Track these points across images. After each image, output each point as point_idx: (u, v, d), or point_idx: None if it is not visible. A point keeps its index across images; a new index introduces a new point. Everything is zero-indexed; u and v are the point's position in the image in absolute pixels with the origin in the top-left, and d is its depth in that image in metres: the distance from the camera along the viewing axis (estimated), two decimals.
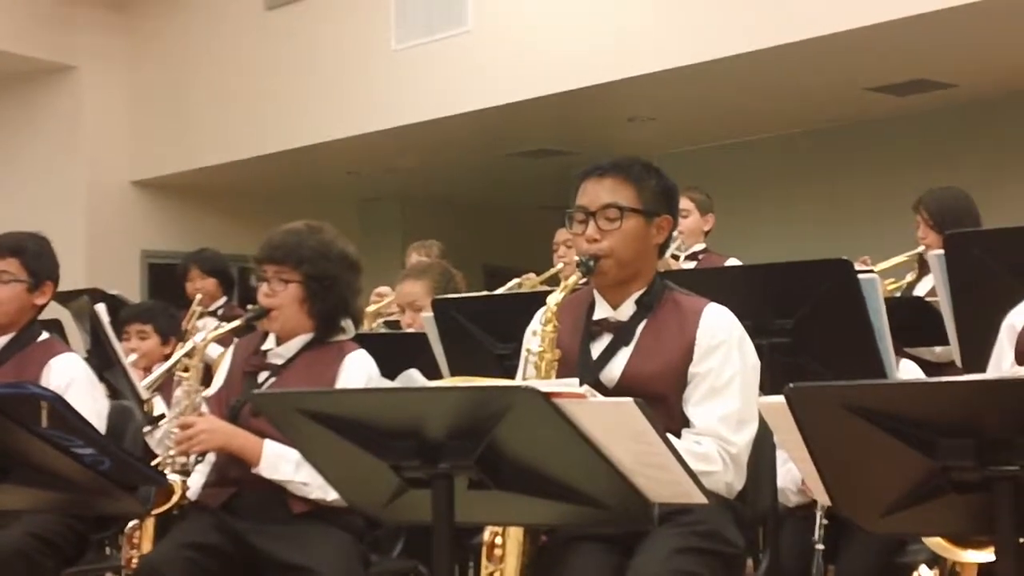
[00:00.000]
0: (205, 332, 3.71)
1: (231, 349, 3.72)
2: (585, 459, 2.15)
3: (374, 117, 10.62)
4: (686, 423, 2.95)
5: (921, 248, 5.14)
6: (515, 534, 2.89)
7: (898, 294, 5.17)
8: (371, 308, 6.15)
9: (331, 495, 3.25)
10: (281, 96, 11.22)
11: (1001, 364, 2.71)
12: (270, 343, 3.56)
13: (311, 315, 3.50)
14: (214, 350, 5.13)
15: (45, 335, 3.90)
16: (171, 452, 3.38)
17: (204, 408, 3.51)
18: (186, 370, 3.59)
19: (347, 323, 3.60)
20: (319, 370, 3.44)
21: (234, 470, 3.37)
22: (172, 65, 12.16)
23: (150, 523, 3.45)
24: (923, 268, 5.19)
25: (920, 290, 5.11)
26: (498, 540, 2.90)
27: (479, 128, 10.56)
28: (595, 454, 2.14)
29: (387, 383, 3.66)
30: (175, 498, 3.35)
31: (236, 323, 3.69)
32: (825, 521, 3.46)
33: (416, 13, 10.45)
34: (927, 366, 4.35)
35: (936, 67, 9.06)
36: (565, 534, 2.94)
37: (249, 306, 3.57)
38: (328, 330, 3.54)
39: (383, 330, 5.51)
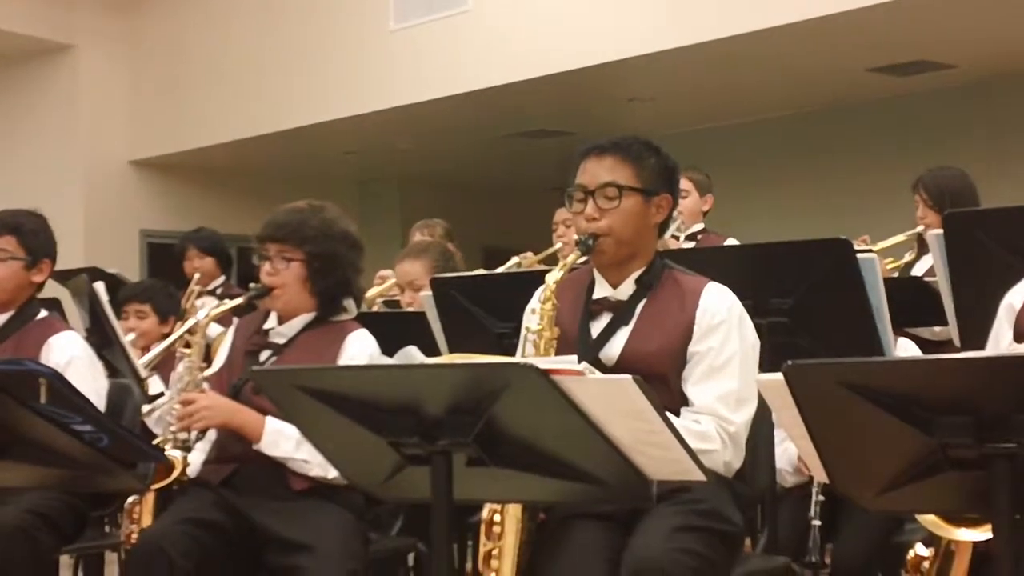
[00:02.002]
0: (207, 309, 3.70)
1: (232, 329, 3.72)
2: (584, 436, 2.15)
3: (372, 97, 10.61)
4: (685, 402, 2.95)
5: (920, 228, 5.14)
6: (513, 511, 2.89)
7: (896, 273, 5.17)
8: (373, 291, 6.16)
9: (332, 473, 3.25)
10: (279, 76, 11.20)
11: (1000, 343, 2.72)
12: (271, 322, 3.56)
13: (313, 294, 3.50)
14: (213, 330, 5.13)
15: (44, 313, 3.90)
16: (172, 428, 3.38)
17: (206, 386, 3.51)
18: (188, 346, 3.58)
19: (349, 302, 3.60)
20: (321, 349, 3.44)
21: (235, 447, 3.37)
22: (171, 45, 12.14)
23: (150, 498, 3.45)
24: (922, 247, 5.19)
25: (918, 269, 5.11)
26: (496, 518, 2.90)
27: (478, 108, 10.54)
28: (594, 431, 2.14)
29: (384, 360, 3.66)
30: (175, 473, 3.35)
31: (238, 301, 3.69)
32: (821, 498, 3.47)
33: None
34: (925, 345, 4.36)
35: (936, 48, 9.05)
36: (564, 512, 2.95)
37: (251, 284, 3.57)
38: (330, 309, 3.53)
39: (382, 309, 5.52)
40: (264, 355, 3.49)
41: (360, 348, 3.47)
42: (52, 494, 3.61)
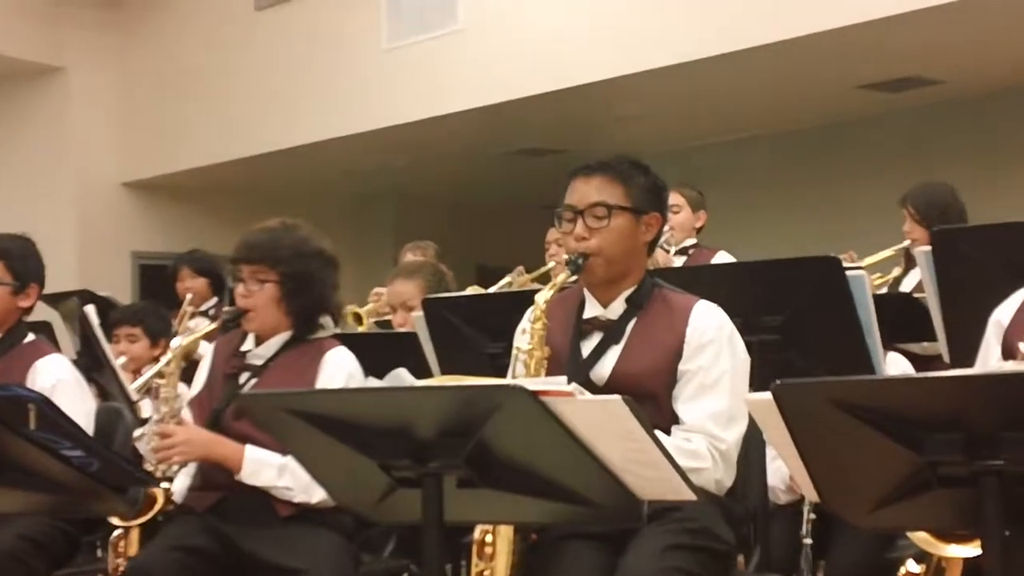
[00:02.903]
0: (180, 339, 3.66)
1: (211, 348, 3.69)
2: (574, 457, 2.15)
3: (366, 116, 10.61)
4: (676, 420, 2.95)
5: (907, 243, 5.15)
6: (505, 532, 2.89)
7: (885, 288, 5.18)
8: (367, 307, 6.17)
9: (315, 498, 3.25)
10: (271, 96, 11.21)
11: (988, 360, 2.72)
12: (249, 343, 3.54)
13: (289, 314, 3.47)
14: (206, 348, 5.13)
15: (31, 337, 3.89)
16: (151, 461, 3.35)
17: (186, 412, 3.48)
18: (162, 376, 3.55)
19: (326, 319, 3.58)
20: (299, 369, 3.42)
21: (218, 475, 3.35)
22: (162, 65, 12.15)
23: (135, 532, 3.43)
24: (909, 263, 5.20)
25: (907, 285, 5.12)
26: (488, 538, 2.90)
27: (471, 127, 10.56)
28: (584, 452, 2.14)
29: (374, 381, 3.66)
30: (157, 507, 3.34)
31: (211, 327, 3.68)
32: (812, 516, 3.47)
33: (407, 11, 10.44)
34: (915, 360, 4.36)
35: (925, 64, 9.08)
36: (555, 532, 2.95)
37: (225, 308, 3.56)
38: (306, 328, 3.51)
39: (374, 330, 5.52)
40: (243, 377, 3.47)
41: (338, 365, 3.45)
42: (43, 519, 3.60)
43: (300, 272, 3.45)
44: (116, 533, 3.49)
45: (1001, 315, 2.75)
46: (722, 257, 5.83)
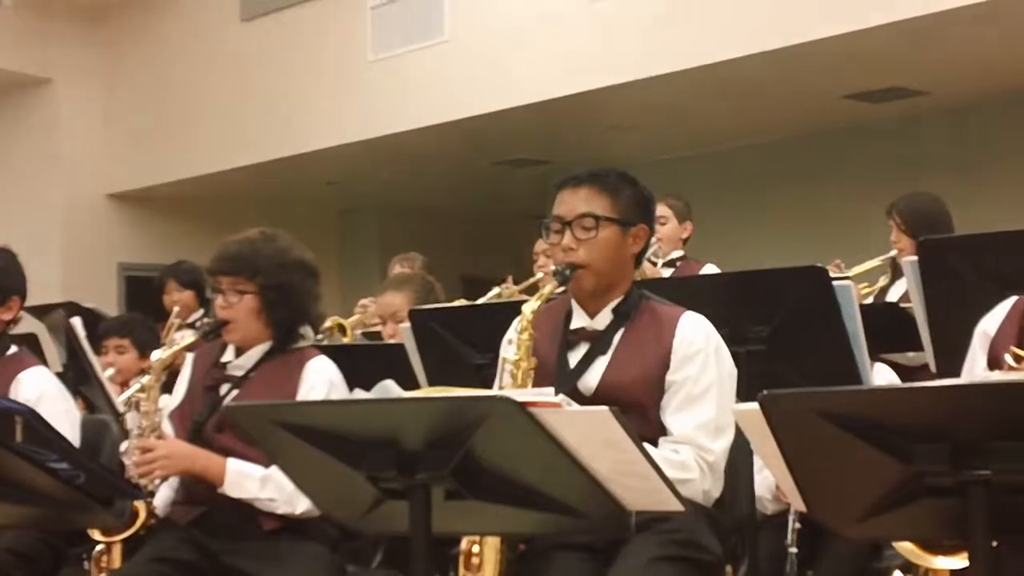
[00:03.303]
0: (161, 352, 3.65)
1: (190, 359, 3.67)
2: (561, 468, 2.15)
3: (351, 128, 10.61)
4: (663, 431, 2.96)
5: (894, 252, 5.17)
6: (493, 543, 2.89)
7: (871, 298, 5.19)
8: (352, 319, 6.17)
9: (299, 509, 3.24)
10: (258, 108, 11.20)
11: (974, 370, 2.72)
12: (229, 355, 3.52)
13: (269, 324, 3.45)
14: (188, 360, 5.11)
15: (14, 349, 3.86)
16: (132, 475, 3.32)
17: (166, 425, 3.46)
18: (143, 390, 3.53)
19: (306, 329, 3.56)
20: (280, 379, 3.40)
21: (201, 489, 3.33)
22: (148, 78, 12.13)
23: (117, 548, 3.42)
24: (896, 272, 5.22)
25: (893, 294, 5.14)
26: (476, 549, 2.90)
27: (457, 138, 10.57)
28: (571, 463, 2.14)
29: (361, 392, 3.64)
30: (139, 522, 3.32)
31: (191, 340, 3.66)
32: (798, 525, 3.47)
33: (393, 23, 10.45)
34: (900, 370, 4.37)
35: (910, 75, 9.12)
36: (543, 543, 2.94)
37: (205, 319, 3.54)
38: (287, 338, 3.49)
39: (363, 341, 5.51)
40: (224, 389, 3.44)
41: (319, 375, 3.43)
42: (29, 532, 3.58)
43: (279, 283, 3.42)
44: (99, 548, 3.47)
45: (987, 325, 2.76)
46: (709, 270, 5.83)
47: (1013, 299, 2.76)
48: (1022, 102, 9.52)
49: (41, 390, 3.70)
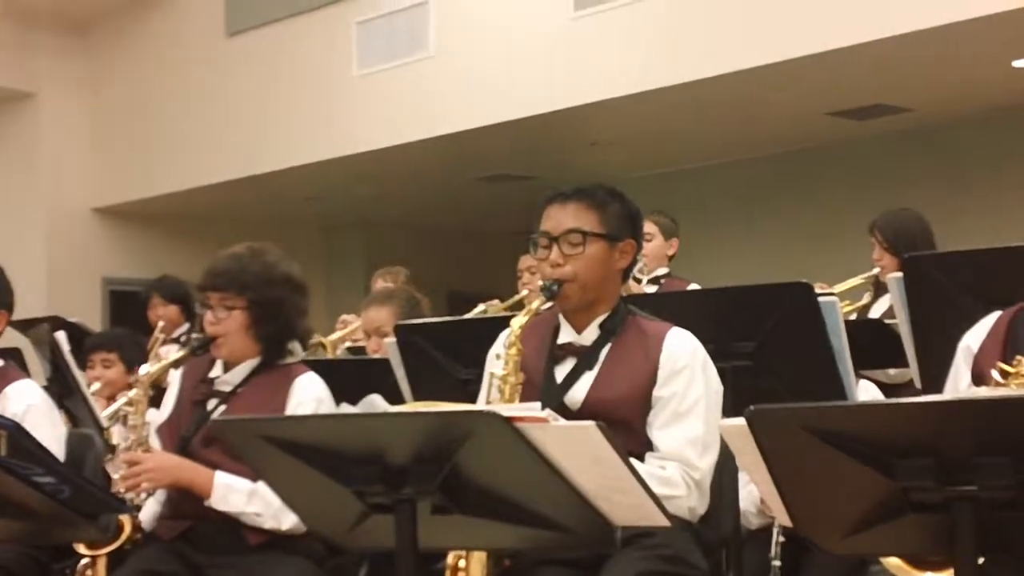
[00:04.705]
0: (149, 366, 3.64)
1: (178, 374, 3.67)
2: (548, 483, 2.15)
3: (336, 143, 10.62)
4: (650, 446, 2.96)
5: (876, 270, 5.17)
6: (479, 557, 2.88)
7: (854, 316, 5.20)
8: (334, 336, 6.15)
9: (285, 524, 3.24)
10: (243, 123, 11.20)
11: (958, 385, 2.73)
12: (217, 370, 3.52)
13: (257, 340, 3.45)
14: (174, 374, 5.10)
15: (0, 363, 3.86)
16: (119, 488, 3.32)
17: (154, 438, 3.45)
18: (130, 404, 3.52)
19: (294, 345, 3.57)
20: (268, 395, 3.40)
21: (186, 504, 3.32)
22: (133, 92, 12.12)
23: (102, 562, 3.40)
24: (878, 290, 5.22)
25: (875, 312, 5.15)
26: (462, 564, 2.89)
27: (441, 154, 10.58)
28: (557, 478, 2.14)
29: (347, 407, 3.64)
30: (124, 536, 3.31)
31: (179, 355, 3.66)
32: (782, 539, 3.47)
33: (377, 39, 10.46)
34: (883, 388, 4.38)
35: (894, 92, 9.17)
36: (529, 558, 2.94)
37: (193, 335, 3.54)
38: (275, 354, 3.49)
39: (345, 356, 5.50)
40: (211, 404, 3.44)
41: (308, 391, 3.43)
42: (14, 547, 3.56)
43: (268, 298, 3.42)
44: (84, 562, 3.45)
45: (971, 340, 2.77)
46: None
47: (996, 314, 2.77)
48: (1005, 119, 9.58)
49: (28, 404, 3.69)
